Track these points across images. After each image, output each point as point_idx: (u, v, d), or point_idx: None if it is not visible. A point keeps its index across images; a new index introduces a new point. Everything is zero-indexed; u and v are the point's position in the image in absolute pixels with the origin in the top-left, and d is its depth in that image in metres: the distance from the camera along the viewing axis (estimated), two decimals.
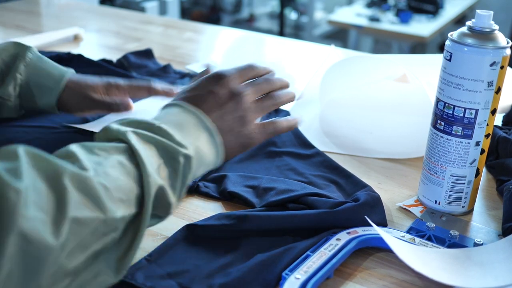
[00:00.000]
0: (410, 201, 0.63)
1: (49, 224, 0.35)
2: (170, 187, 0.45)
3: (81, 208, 0.38)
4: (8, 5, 1.53)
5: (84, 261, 0.38)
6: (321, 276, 0.49)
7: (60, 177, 0.38)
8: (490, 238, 0.56)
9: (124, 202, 0.41)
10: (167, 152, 0.46)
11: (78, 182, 0.38)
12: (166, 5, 3.14)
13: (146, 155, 0.44)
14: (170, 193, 0.45)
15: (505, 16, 3.33)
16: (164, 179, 0.45)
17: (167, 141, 0.46)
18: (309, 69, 1.08)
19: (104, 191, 0.40)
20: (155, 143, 0.46)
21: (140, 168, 0.43)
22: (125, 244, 0.42)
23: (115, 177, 0.41)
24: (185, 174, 0.47)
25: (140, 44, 1.21)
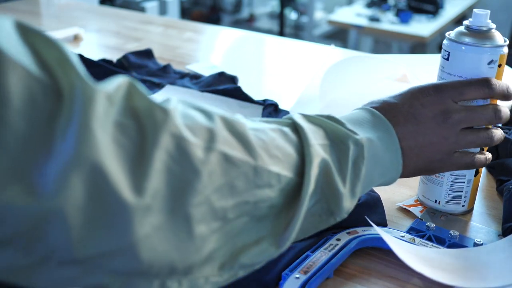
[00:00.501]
0: (410, 201, 0.63)
1: (198, 146, 0.33)
2: (338, 170, 0.41)
3: (229, 146, 0.35)
4: (8, 5, 1.53)
5: (234, 206, 0.35)
6: (321, 276, 0.49)
7: (211, 115, 0.36)
8: (490, 238, 0.56)
9: (280, 161, 0.38)
10: (336, 135, 0.42)
11: (229, 124, 0.36)
12: (166, 5, 3.14)
13: (311, 131, 0.41)
14: (337, 177, 0.41)
15: (505, 16, 3.33)
16: (330, 156, 0.41)
17: (337, 125, 0.43)
18: (309, 69, 1.08)
19: (257, 140, 0.37)
20: (323, 125, 0.43)
21: (302, 140, 0.40)
22: (286, 216, 0.39)
23: (273, 137, 0.38)
24: (357, 163, 0.43)
25: (140, 44, 1.21)
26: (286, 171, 0.38)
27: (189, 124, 0.34)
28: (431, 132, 0.47)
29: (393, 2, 3.08)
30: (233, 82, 0.96)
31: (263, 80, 1.09)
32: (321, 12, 3.85)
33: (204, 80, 0.96)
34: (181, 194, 0.32)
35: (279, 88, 1.00)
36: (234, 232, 0.36)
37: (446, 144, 0.48)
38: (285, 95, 0.95)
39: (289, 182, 0.39)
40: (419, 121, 0.47)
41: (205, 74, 1.01)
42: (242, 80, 0.98)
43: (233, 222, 0.36)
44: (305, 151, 0.39)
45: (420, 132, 0.47)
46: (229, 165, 0.35)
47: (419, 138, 0.47)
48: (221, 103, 0.87)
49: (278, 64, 1.17)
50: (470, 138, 0.50)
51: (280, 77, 1.08)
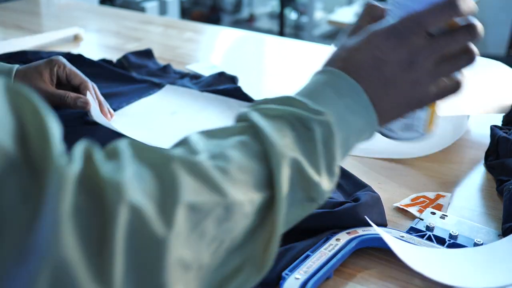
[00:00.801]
0: (407, 201, 0.63)
1: (157, 212, 0.30)
2: (309, 162, 0.39)
3: (195, 193, 0.32)
4: (8, 5, 1.53)
5: (209, 252, 0.33)
6: (321, 276, 0.48)
7: (167, 164, 0.33)
8: (490, 238, 0.56)
9: (249, 185, 0.35)
10: (299, 121, 0.39)
11: (188, 167, 0.33)
12: (166, 5, 3.14)
13: (272, 129, 0.38)
14: (310, 169, 0.38)
15: (505, 16, 3.33)
16: (297, 152, 0.38)
17: (298, 109, 0.40)
18: (309, 69, 1.08)
19: (220, 174, 0.34)
20: (284, 116, 0.39)
21: (265, 143, 0.37)
22: (264, 234, 0.37)
23: (236, 158, 0.35)
24: (328, 144, 0.40)
25: (140, 44, 1.21)
26: (256, 192, 0.36)
27: (145, 188, 0.31)
28: (401, 80, 0.43)
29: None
30: (233, 82, 0.96)
31: (263, 80, 1.09)
32: (321, 12, 3.85)
33: (204, 80, 0.96)
34: (151, 271, 0.30)
35: (279, 88, 1.00)
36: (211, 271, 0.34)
37: (421, 87, 0.44)
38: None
39: (262, 201, 0.36)
40: (385, 72, 0.43)
41: (205, 74, 1.01)
42: (242, 80, 0.98)
43: (210, 264, 0.34)
44: (271, 157, 0.36)
45: (390, 84, 0.43)
46: (195, 213, 0.32)
47: (390, 91, 0.43)
48: (221, 103, 0.87)
49: (278, 64, 1.17)
50: (447, 68, 0.44)
51: (280, 77, 1.08)
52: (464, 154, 0.77)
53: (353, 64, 0.44)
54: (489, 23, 3.44)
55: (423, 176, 0.70)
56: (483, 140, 0.78)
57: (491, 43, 3.44)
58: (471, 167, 0.73)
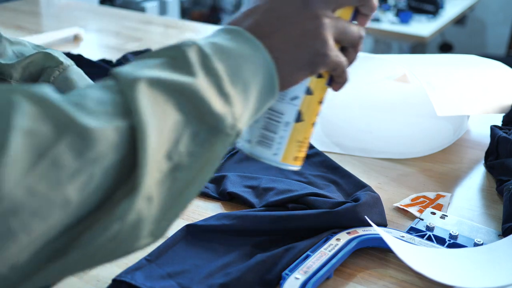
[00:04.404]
0: (406, 201, 0.63)
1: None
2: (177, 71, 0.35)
3: (34, 119, 0.29)
4: (8, 5, 1.53)
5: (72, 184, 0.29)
6: (321, 276, 0.48)
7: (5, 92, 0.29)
8: (490, 238, 0.56)
9: (109, 114, 0.32)
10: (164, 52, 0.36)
11: (30, 96, 0.30)
12: (166, 5, 3.14)
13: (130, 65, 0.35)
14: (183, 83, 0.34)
15: (504, 16, 3.33)
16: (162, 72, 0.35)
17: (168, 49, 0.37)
18: None
19: (69, 104, 0.30)
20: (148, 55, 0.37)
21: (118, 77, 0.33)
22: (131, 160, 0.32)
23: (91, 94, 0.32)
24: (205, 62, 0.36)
25: (140, 44, 1.21)
26: (119, 120, 0.32)
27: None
28: (296, 18, 0.41)
29: (393, 2, 3.08)
30: None
31: None
32: None
33: None
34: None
35: None
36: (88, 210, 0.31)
37: (317, 26, 0.41)
38: None
39: (131, 128, 0.32)
40: (277, 11, 0.41)
41: None
42: None
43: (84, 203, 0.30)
44: (123, 86, 0.33)
45: (286, 21, 0.41)
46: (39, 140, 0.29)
47: (286, 27, 0.41)
48: None
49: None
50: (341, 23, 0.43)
51: None
52: (464, 154, 0.77)
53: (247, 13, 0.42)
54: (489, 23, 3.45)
55: (423, 176, 0.70)
56: (483, 140, 0.78)
57: (491, 43, 3.44)
58: (471, 167, 0.73)
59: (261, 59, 0.39)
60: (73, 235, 0.31)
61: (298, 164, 0.48)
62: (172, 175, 0.34)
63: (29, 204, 0.28)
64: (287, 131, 0.47)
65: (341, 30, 0.43)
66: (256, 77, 0.38)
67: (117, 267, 0.51)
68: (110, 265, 0.52)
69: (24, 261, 0.29)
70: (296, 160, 0.48)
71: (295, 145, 0.48)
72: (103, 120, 0.31)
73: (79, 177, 0.30)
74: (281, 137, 0.47)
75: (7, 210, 0.27)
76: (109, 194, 0.32)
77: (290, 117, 0.47)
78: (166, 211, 0.35)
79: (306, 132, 0.48)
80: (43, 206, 0.28)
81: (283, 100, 0.46)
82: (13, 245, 0.28)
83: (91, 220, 0.31)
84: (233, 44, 0.38)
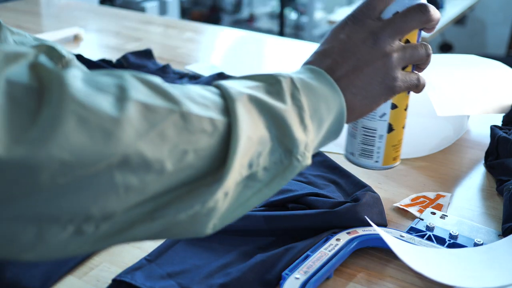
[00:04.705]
0: (406, 201, 0.63)
1: (109, 99, 0.31)
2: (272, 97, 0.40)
3: (146, 96, 0.33)
4: (8, 5, 1.53)
5: (170, 156, 0.33)
6: (321, 276, 0.48)
7: (120, 74, 0.34)
8: (490, 238, 0.56)
9: (207, 107, 0.36)
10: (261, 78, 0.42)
11: (142, 80, 0.34)
12: (166, 5, 3.14)
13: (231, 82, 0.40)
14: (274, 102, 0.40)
15: (504, 16, 3.33)
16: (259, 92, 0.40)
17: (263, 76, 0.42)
18: None
19: (176, 91, 0.35)
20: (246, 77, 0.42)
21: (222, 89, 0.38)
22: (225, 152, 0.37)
23: (193, 88, 0.37)
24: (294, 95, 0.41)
25: (140, 44, 1.21)
26: (217, 115, 0.36)
27: (95, 83, 0.32)
28: (368, 56, 0.47)
29: None
30: None
31: None
32: (321, 12, 3.85)
33: (202, 80, 0.96)
34: (103, 143, 0.31)
35: None
36: (175, 184, 0.35)
37: (386, 63, 0.47)
38: None
39: (226, 126, 0.37)
40: (353, 51, 0.47)
41: (205, 74, 1.01)
42: None
43: (174, 175, 0.34)
44: (226, 94, 0.38)
45: (360, 60, 0.46)
46: (151, 113, 0.33)
47: (360, 65, 0.46)
48: None
49: (278, 64, 1.17)
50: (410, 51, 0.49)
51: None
52: (464, 154, 0.77)
53: (324, 54, 0.48)
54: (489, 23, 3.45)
55: (423, 176, 0.70)
56: (483, 140, 0.78)
57: (491, 43, 3.44)
58: (471, 167, 0.73)
59: (337, 101, 0.44)
60: (161, 203, 0.35)
61: (398, 161, 0.58)
62: (246, 182, 0.39)
63: (133, 163, 0.32)
64: (382, 142, 0.56)
65: (408, 58, 0.49)
66: (330, 115, 0.44)
67: (117, 267, 0.51)
68: (110, 265, 0.52)
69: (119, 214, 0.33)
70: (395, 159, 0.58)
71: (391, 149, 0.57)
72: (202, 110, 0.35)
73: (176, 150, 0.34)
74: (378, 147, 0.57)
75: (115, 164, 0.31)
76: (198, 176, 0.36)
77: (382, 130, 0.56)
78: (231, 212, 0.39)
79: (399, 136, 0.57)
80: (144, 167, 0.32)
81: (374, 118, 0.55)
82: (112, 196, 0.32)
83: (178, 195, 0.35)
84: (316, 83, 0.44)
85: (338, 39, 0.48)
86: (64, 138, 0.29)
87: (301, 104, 0.41)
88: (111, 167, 0.31)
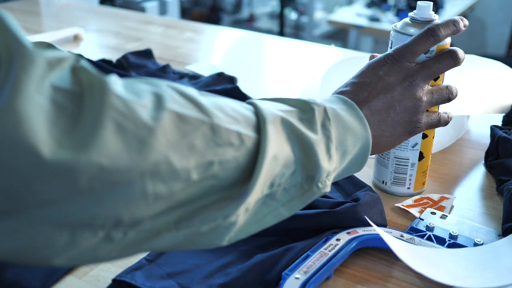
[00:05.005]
0: (409, 201, 0.63)
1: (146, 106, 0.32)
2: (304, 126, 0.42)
3: (180, 105, 0.34)
4: (8, 5, 1.53)
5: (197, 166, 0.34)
6: (321, 276, 0.49)
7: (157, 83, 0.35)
8: (490, 238, 0.56)
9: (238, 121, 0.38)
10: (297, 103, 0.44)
11: (177, 89, 0.36)
12: (166, 5, 3.14)
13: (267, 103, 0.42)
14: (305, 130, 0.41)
15: (504, 16, 3.33)
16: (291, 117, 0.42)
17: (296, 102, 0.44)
18: (309, 69, 1.08)
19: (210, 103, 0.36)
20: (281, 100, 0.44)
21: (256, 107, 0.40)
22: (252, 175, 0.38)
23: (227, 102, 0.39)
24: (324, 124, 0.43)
25: (140, 44, 1.21)
26: (246, 130, 0.38)
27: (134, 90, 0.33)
28: (402, 97, 0.50)
29: (393, 2, 3.08)
30: (232, 83, 0.96)
31: (263, 80, 1.09)
32: (321, 12, 3.85)
33: (202, 80, 0.96)
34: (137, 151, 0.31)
35: (279, 88, 1.00)
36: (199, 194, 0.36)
37: (416, 105, 0.51)
38: (285, 95, 0.94)
39: (254, 142, 0.38)
40: (389, 90, 0.50)
41: (205, 74, 1.01)
42: (242, 80, 0.98)
43: (199, 184, 0.35)
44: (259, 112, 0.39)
45: (394, 99, 0.50)
46: (183, 123, 0.34)
47: (394, 105, 0.50)
48: None
49: (278, 64, 1.17)
50: (436, 95, 0.53)
51: (280, 77, 1.08)
52: (464, 154, 0.77)
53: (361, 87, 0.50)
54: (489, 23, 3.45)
55: None
56: (483, 140, 0.78)
57: (491, 43, 3.44)
58: (471, 167, 0.73)
59: (364, 137, 0.46)
60: (186, 212, 0.35)
61: (425, 185, 0.65)
62: (265, 200, 0.40)
63: (163, 172, 0.33)
64: (414, 169, 0.62)
65: (434, 102, 0.54)
66: (354, 148, 0.46)
67: (117, 267, 0.51)
68: (110, 265, 0.52)
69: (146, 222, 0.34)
70: (424, 184, 0.64)
71: (421, 175, 0.63)
72: (232, 124, 0.37)
73: (202, 161, 0.35)
74: (411, 175, 0.62)
75: (147, 172, 0.32)
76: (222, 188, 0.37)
77: (414, 159, 0.61)
78: (247, 227, 0.40)
79: (428, 162, 0.62)
80: (172, 175, 0.33)
81: (407, 148, 0.60)
82: (142, 204, 0.33)
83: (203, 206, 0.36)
84: (346, 115, 0.45)
85: (376, 75, 0.50)
86: (103, 144, 0.30)
87: (330, 134, 0.43)
88: (143, 175, 0.32)
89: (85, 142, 0.29)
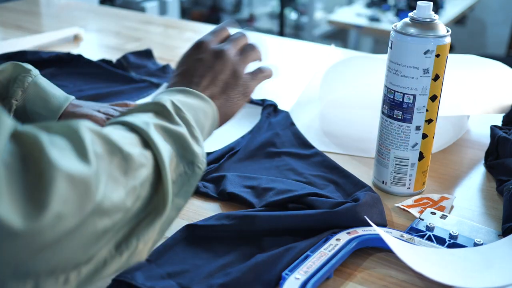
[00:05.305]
0: (409, 201, 0.63)
1: (75, 155, 0.35)
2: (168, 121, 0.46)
3: (97, 144, 0.37)
4: (8, 5, 1.53)
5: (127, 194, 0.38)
6: (321, 276, 0.48)
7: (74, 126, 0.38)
8: (490, 238, 0.56)
9: (134, 143, 0.41)
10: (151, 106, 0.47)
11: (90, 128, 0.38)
12: (166, 5, 3.14)
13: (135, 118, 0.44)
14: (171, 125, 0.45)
15: (504, 16, 3.33)
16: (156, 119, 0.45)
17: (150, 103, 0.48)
18: (309, 69, 1.08)
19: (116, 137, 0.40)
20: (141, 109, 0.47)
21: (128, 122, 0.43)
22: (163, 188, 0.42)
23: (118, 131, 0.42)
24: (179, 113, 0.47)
25: (140, 44, 1.21)
26: (142, 149, 0.41)
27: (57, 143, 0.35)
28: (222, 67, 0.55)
29: (393, 2, 3.07)
30: None
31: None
32: (321, 12, 3.85)
33: None
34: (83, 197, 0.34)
35: (279, 88, 1.00)
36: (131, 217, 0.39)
37: (235, 69, 0.56)
38: (285, 95, 0.94)
39: (152, 155, 0.42)
40: (208, 66, 0.54)
41: None
42: None
43: (132, 209, 0.39)
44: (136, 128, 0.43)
45: (215, 71, 0.54)
46: (102, 160, 0.37)
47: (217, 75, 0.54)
48: None
49: (278, 64, 1.17)
50: (244, 56, 0.58)
51: (280, 77, 1.08)
52: (464, 154, 0.77)
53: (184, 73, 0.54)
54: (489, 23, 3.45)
55: None
56: (483, 140, 0.78)
57: (491, 43, 3.44)
58: (471, 167, 0.73)
59: (210, 109, 0.51)
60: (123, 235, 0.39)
61: (425, 185, 0.65)
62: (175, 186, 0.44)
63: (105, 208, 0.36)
64: (414, 169, 0.62)
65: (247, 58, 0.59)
66: (207, 121, 0.51)
67: None
68: None
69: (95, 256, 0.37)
70: (424, 184, 0.65)
71: (421, 175, 0.63)
72: (132, 148, 0.40)
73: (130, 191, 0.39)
74: (411, 175, 0.63)
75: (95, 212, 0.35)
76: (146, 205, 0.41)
77: (414, 159, 0.62)
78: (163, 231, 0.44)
79: (428, 162, 0.63)
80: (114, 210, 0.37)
81: (407, 148, 0.61)
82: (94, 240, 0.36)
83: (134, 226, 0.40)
84: (189, 99, 0.50)
85: (192, 60, 0.55)
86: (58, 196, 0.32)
87: (188, 121, 0.47)
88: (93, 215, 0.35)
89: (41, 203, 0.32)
